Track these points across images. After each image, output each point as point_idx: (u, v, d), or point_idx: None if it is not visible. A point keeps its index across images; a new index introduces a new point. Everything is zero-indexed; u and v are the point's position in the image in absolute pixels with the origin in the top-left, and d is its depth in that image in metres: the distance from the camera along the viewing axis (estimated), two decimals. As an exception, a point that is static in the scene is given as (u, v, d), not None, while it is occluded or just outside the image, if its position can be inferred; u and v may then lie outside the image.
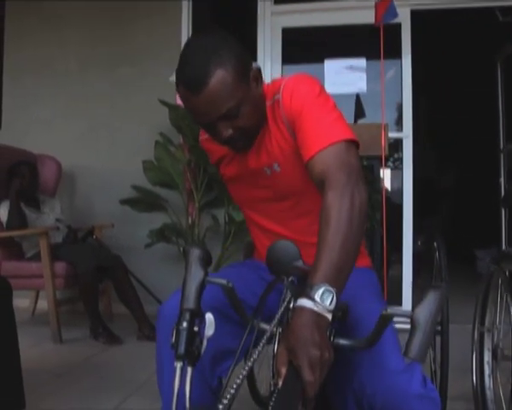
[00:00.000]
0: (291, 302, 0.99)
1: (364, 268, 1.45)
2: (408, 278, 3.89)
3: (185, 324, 0.88)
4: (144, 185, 3.97)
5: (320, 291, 0.89)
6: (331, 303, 0.89)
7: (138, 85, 4.27)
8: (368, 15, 3.48)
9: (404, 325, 0.84)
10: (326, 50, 4.29)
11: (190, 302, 0.91)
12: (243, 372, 0.76)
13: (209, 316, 0.90)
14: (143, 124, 4.19)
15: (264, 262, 1.11)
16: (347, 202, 1.00)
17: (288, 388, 0.79)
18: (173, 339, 0.87)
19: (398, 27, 3.90)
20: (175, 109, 3.74)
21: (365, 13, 3.68)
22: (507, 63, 4.53)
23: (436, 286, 0.80)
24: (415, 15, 3.93)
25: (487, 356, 2.01)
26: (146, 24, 4.28)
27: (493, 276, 2.00)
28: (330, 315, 0.89)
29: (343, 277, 0.95)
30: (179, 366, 0.87)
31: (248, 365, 0.77)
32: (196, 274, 0.96)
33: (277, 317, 0.91)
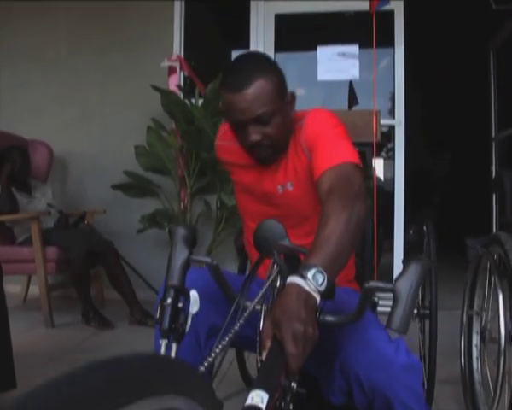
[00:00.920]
0: (277, 280, 1.00)
1: (350, 288, 1.49)
2: (399, 267, 3.91)
3: (169, 300, 0.89)
4: (136, 171, 3.94)
5: (313, 271, 0.90)
6: (322, 284, 0.90)
7: (130, 71, 4.24)
8: (361, 2, 3.47)
9: (389, 309, 0.85)
10: (319, 37, 4.28)
11: (175, 279, 0.93)
12: (226, 339, 0.78)
13: (193, 293, 0.91)
14: (135, 109, 4.16)
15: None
16: (347, 213, 1.04)
17: (272, 360, 0.80)
18: (157, 315, 0.88)
19: (391, 14, 3.90)
20: (167, 95, 3.72)
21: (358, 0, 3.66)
22: (500, 51, 4.53)
23: (417, 259, 0.81)
24: (408, 2, 3.91)
25: (475, 339, 2.04)
26: (138, 9, 4.23)
27: (482, 259, 2.02)
28: (319, 297, 0.90)
29: (336, 268, 0.97)
30: (164, 343, 0.89)
31: (229, 336, 0.78)
32: (181, 252, 0.97)
33: (261, 292, 0.91)
